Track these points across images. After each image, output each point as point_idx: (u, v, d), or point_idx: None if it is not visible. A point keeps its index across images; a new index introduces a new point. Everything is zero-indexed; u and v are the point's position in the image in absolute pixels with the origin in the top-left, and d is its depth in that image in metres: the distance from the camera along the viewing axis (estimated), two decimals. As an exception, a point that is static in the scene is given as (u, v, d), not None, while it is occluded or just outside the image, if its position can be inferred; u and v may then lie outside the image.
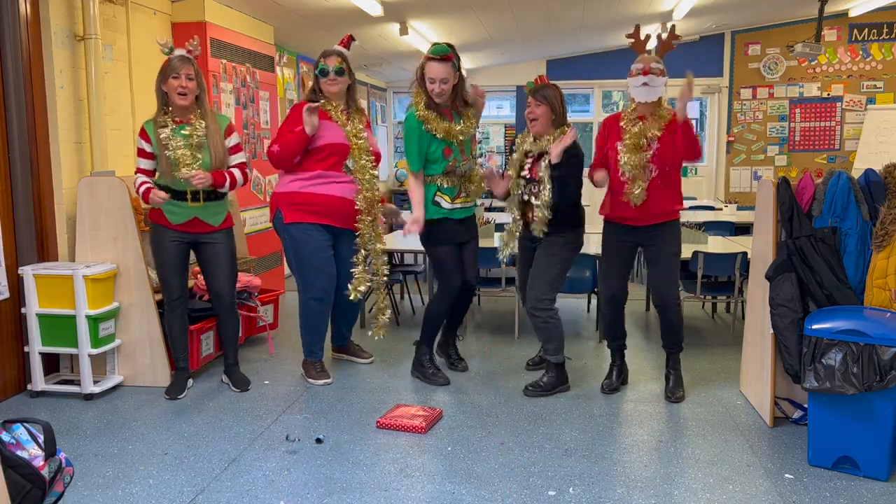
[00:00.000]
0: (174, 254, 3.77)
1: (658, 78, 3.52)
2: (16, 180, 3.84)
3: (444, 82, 3.73)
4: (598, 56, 9.91)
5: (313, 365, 4.13)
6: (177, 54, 3.64)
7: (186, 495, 2.79)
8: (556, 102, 3.74)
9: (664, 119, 3.58)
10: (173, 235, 3.74)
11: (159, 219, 3.74)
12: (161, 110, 3.67)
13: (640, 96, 3.55)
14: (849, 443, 2.93)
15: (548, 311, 3.81)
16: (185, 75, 3.60)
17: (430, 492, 2.82)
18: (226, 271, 3.89)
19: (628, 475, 2.96)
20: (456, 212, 3.94)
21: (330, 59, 3.90)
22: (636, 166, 3.56)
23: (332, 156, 3.89)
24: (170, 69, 3.60)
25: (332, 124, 3.92)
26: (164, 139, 3.61)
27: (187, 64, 3.62)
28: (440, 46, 3.72)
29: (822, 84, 9.70)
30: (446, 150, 3.83)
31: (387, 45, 7.62)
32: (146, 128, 3.68)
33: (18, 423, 2.27)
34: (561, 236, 3.82)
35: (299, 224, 3.91)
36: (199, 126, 3.67)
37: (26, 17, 3.84)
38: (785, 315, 3.26)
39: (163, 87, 3.64)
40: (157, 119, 3.67)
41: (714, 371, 4.28)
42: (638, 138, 3.57)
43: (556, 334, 3.86)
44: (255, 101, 5.87)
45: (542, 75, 3.94)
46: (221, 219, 3.85)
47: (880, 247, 3.18)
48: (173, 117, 3.65)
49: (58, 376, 4.03)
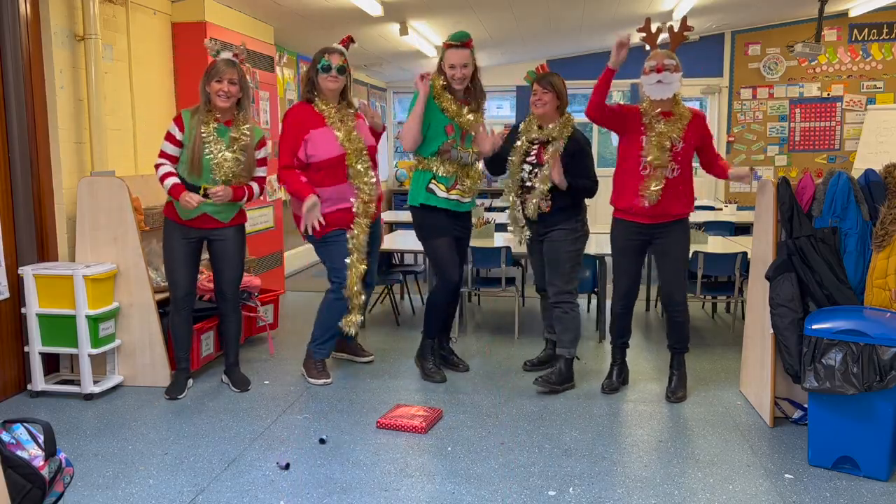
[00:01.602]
0: (184, 251, 3.78)
1: (672, 74, 3.51)
2: (16, 180, 3.84)
3: (464, 67, 3.82)
4: (598, 56, 9.91)
5: (314, 364, 4.13)
6: (223, 57, 3.69)
7: (186, 495, 2.79)
8: (561, 90, 3.84)
9: (686, 118, 3.60)
10: (183, 231, 3.76)
11: (172, 215, 3.77)
12: (205, 107, 3.70)
13: (655, 94, 3.54)
14: (849, 443, 2.93)
15: (569, 302, 3.89)
16: (227, 80, 3.63)
17: (430, 492, 2.82)
18: (231, 268, 3.90)
19: (628, 475, 2.96)
20: (451, 203, 3.92)
21: (333, 57, 3.91)
22: (659, 164, 3.56)
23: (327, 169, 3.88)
24: (214, 72, 3.64)
25: (325, 133, 3.87)
26: (206, 135, 3.64)
27: (231, 68, 3.65)
28: (460, 33, 3.82)
29: (822, 84, 9.70)
30: (448, 127, 3.85)
31: (387, 45, 7.62)
32: (183, 116, 3.70)
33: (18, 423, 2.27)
34: (563, 229, 3.84)
35: (330, 232, 3.94)
36: (245, 130, 3.74)
37: (26, 17, 3.84)
38: (785, 315, 3.26)
39: (206, 89, 3.67)
40: (199, 113, 3.68)
41: (714, 371, 4.28)
42: (664, 138, 3.56)
43: (574, 326, 3.89)
44: (254, 102, 5.87)
45: (543, 64, 4.00)
46: (231, 215, 3.86)
47: (880, 247, 3.18)
48: (215, 116, 3.69)
49: (58, 376, 4.03)
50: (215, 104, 3.67)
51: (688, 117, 3.61)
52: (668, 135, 3.56)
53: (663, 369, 4.14)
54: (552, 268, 3.90)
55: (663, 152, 3.56)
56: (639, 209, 3.65)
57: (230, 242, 3.87)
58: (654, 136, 3.57)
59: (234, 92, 3.67)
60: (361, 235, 3.97)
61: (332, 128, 3.89)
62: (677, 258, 3.73)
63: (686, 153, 3.62)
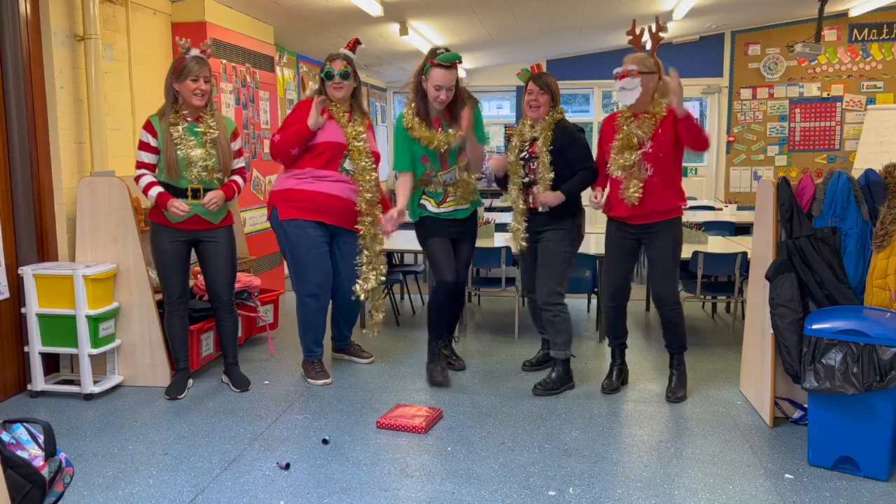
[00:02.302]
0: (174, 254, 3.76)
1: (633, 80, 3.52)
2: (16, 180, 3.84)
3: (449, 90, 3.73)
4: (598, 56, 9.92)
5: (313, 365, 4.13)
6: (192, 55, 3.64)
7: (186, 495, 2.79)
8: (555, 90, 3.89)
9: (659, 115, 3.56)
10: (173, 235, 3.74)
11: (159, 218, 3.73)
12: (171, 107, 3.66)
13: (620, 100, 3.63)
14: (849, 443, 2.93)
15: (558, 305, 3.88)
16: (202, 78, 3.61)
17: (430, 492, 2.82)
18: (225, 269, 3.89)
19: (628, 475, 2.96)
20: (444, 215, 3.94)
21: (335, 63, 3.91)
22: (623, 166, 3.58)
23: (326, 153, 3.90)
24: (186, 71, 3.59)
25: (333, 123, 3.94)
26: (178, 137, 3.61)
27: (204, 66, 3.63)
28: (452, 54, 3.69)
29: (822, 84, 9.70)
30: (423, 158, 3.85)
31: (387, 45, 7.62)
32: (153, 122, 3.66)
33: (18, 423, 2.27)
34: (558, 230, 3.84)
35: (293, 220, 3.93)
36: (212, 124, 3.69)
37: (26, 17, 3.84)
38: (785, 315, 3.26)
39: (175, 87, 3.63)
40: (167, 115, 3.65)
41: (714, 371, 4.28)
42: (628, 138, 3.58)
43: (566, 328, 3.89)
44: (254, 102, 5.87)
45: (539, 63, 4.04)
46: (222, 216, 3.85)
47: (880, 247, 3.18)
48: (184, 115, 3.66)
49: (58, 376, 4.03)
50: (189, 103, 3.63)
51: (662, 115, 3.56)
52: (635, 134, 3.57)
53: (663, 369, 4.14)
54: (545, 268, 3.89)
55: (623, 153, 3.57)
56: (623, 210, 3.66)
57: (221, 244, 3.85)
58: (620, 137, 3.60)
59: (208, 90, 3.64)
60: (368, 235, 3.99)
61: (339, 124, 3.94)
62: (664, 259, 3.71)
63: (660, 151, 3.57)
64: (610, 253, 3.85)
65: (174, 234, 3.74)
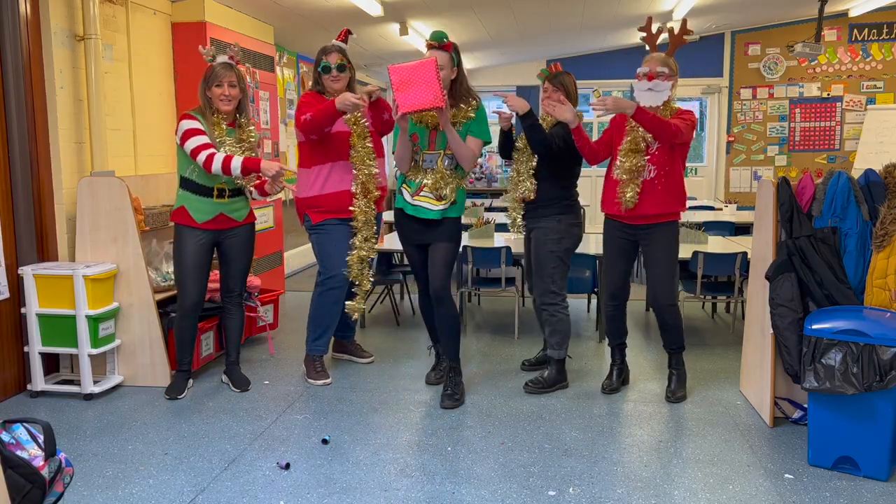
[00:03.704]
0: (197, 260, 3.77)
1: (663, 83, 3.51)
2: (16, 180, 3.84)
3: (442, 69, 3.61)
4: (598, 56, 9.92)
5: (314, 363, 4.13)
6: (219, 61, 3.70)
7: (186, 495, 2.80)
8: (570, 88, 3.89)
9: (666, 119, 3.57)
10: (199, 235, 3.76)
11: (185, 219, 3.76)
12: (208, 110, 3.72)
13: (645, 101, 3.50)
14: (849, 443, 2.93)
15: (554, 304, 3.87)
16: (227, 83, 3.66)
17: (430, 492, 2.82)
18: (241, 264, 3.94)
19: (628, 475, 2.96)
20: (411, 209, 3.72)
21: (331, 56, 3.91)
22: (630, 170, 3.57)
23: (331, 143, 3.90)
24: (213, 77, 3.66)
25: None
26: (219, 136, 3.68)
27: (230, 71, 3.68)
28: (439, 32, 3.65)
29: (822, 84, 9.70)
30: (414, 136, 3.71)
31: (387, 45, 7.62)
32: (192, 114, 3.70)
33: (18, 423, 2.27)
34: (545, 228, 3.84)
35: (325, 221, 3.98)
36: (251, 131, 3.80)
37: (26, 17, 3.84)
38: (785, 315, 3.26)
39: (207, 94, 3.70)
40: (207, 116, 3.70)
41: (714, 371, 4.28)
42: (636, 142, 3.57)
43: (561, 328, 3.89)
44: (255, 102, 5.87)
45: (557, 63, 4.03)
46: (245, 213, 3.91)
47: (880, 247, 3.18)
48: (221, 119, 3.72)
49: (58, 376, 4.03)
50: (218, 108, 3.69)
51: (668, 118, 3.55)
52: (643, 137, 3.56)
53: (663, 369, 4.14)
54: (536, 267, 3.92)
55: (632, 157, 3.57)
56: (620, 210, 3.66)
57: (242, 239, 3.91)
58: (629, 140, 3.59)
59: (235, 94, 3.70)
60: (361, 216, 3.95)
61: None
62: (660, 261, 3.70)
63: (664, 153, 3.57)
64: (608, 252, 3.86)
65: (199, 235, 3.76)
